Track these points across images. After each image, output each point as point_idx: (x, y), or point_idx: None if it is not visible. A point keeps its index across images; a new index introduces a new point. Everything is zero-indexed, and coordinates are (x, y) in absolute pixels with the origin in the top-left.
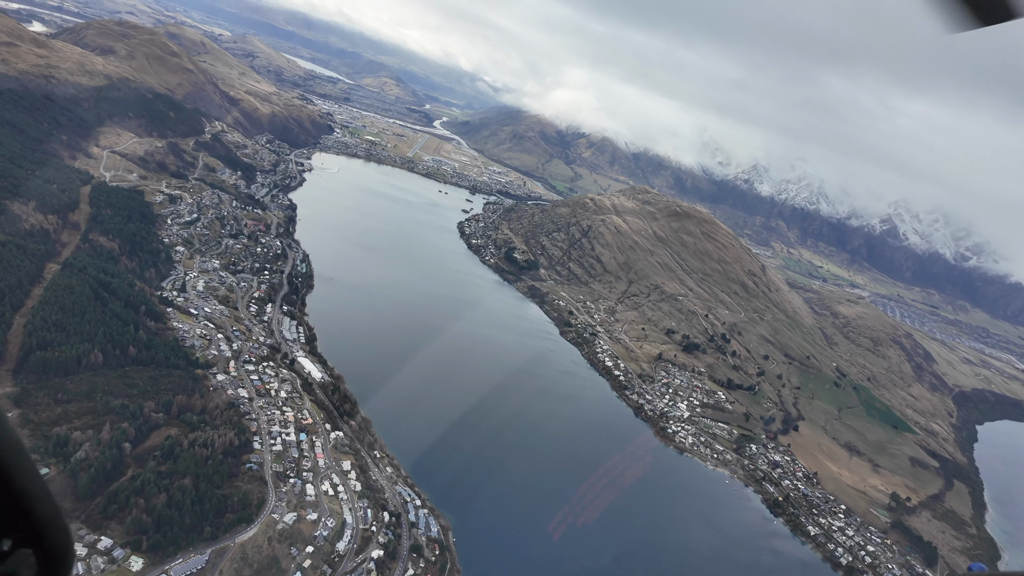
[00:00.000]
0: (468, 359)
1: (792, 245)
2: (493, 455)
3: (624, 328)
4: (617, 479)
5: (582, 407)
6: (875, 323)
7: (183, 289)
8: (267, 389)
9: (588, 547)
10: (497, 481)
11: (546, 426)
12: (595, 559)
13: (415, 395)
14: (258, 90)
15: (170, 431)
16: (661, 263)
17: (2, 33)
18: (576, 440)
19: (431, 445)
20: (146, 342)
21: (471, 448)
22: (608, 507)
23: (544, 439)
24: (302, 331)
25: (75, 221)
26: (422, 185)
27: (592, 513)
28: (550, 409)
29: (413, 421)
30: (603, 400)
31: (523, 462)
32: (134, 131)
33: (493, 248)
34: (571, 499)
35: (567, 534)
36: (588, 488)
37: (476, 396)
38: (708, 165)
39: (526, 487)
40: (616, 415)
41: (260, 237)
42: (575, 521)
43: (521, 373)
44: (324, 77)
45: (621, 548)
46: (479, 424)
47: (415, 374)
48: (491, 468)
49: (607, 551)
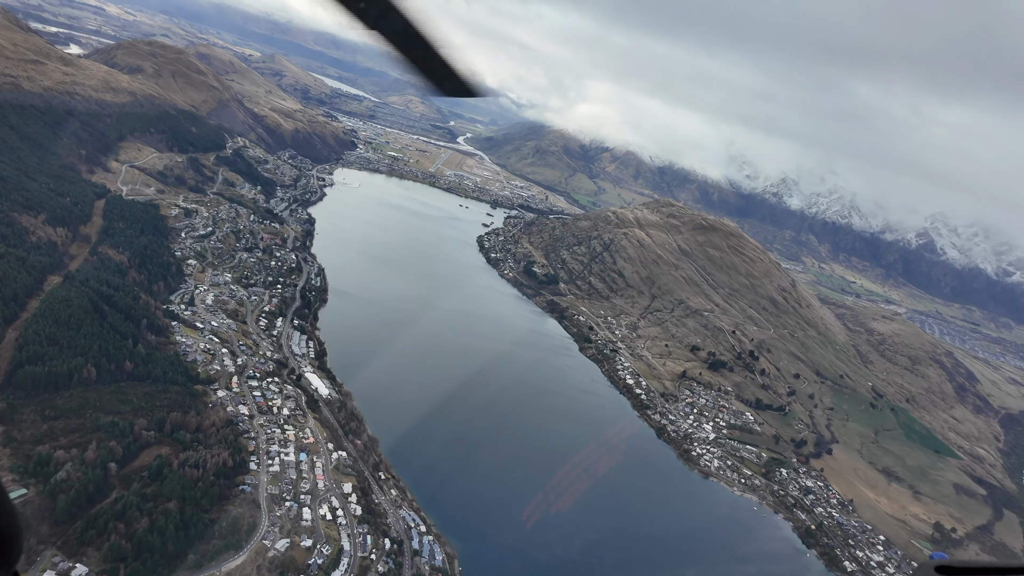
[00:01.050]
0: (482, 376)
1: (824, 260)
2: (503, 478)
3: (646, 344)
4: (639, 504)
5: (602, 427)
6: (913, 340)
7: (191, 302)
8: (269, 406)
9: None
10: (507, 506)
11: (561, 448)
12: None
13: (425, 413)
14: (283, 107)
15: (161, 450)
16: (686, 277)
17: (29, 52)
18: (589, 458)
19: (440, 466)
20: (144, 356)
21: (482, 471)
22: (631, 534)
23: (558, 463)
24: (312, 346)
25: (86, 234)
26: (443, 199)
27: (617, 542)
28: (566, 430)
29: (422, 441)
30: (624, 420)
31: (532, 486)
32: (155, 146)
33: (512, 262)
34: (592, 528)
35: (587, 569)
36: (609, 516)
37: (489, 415)
38: (735, 178)
39: (538, 513)
40: (637, 436)
41: (275, 251)
42: (599, 557)
43: (538, 391)
44: (350, 95)
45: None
46: (490, 445)
47: (427, 391)
48: (501, 492)
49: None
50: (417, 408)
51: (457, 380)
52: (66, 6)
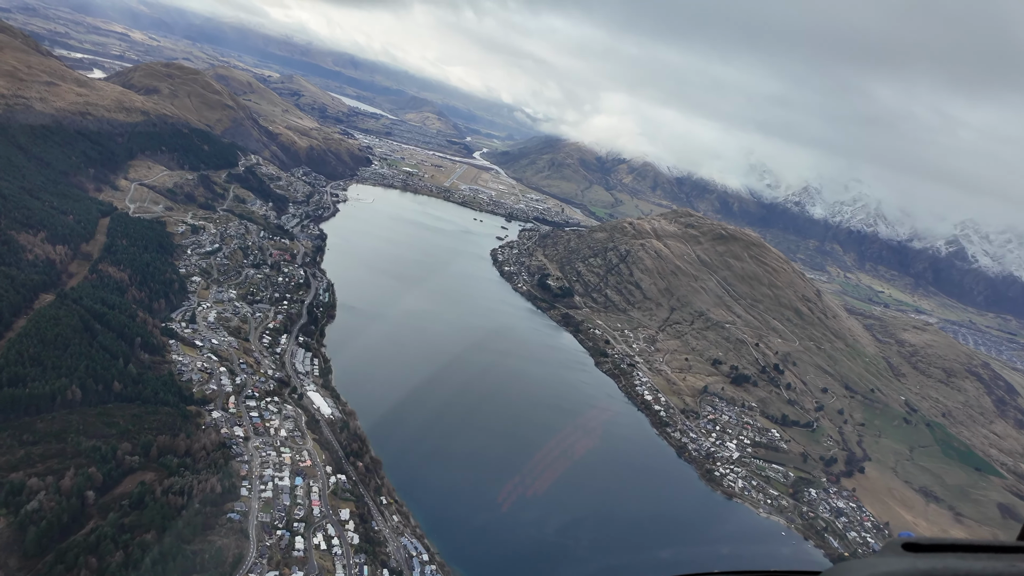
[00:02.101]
0: (493, 393)
1: (849, 269)
2: (513, 500)
3: (666, 358)
4: (662, 527)
5: (618, 444)
6: (947, 352)
7: (192, 320)
8: (266, 427)
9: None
10: (516, 531)
11: (575, 470)
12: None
13: (433, 433)
14: (298, 125)
15: (145, 476)
16: (706, 288)
17: (44, 74)
18: (611, 488)
19: (446, 490)
20: (135, 376)
21: (491, 493)
22: (648, 560)
23: (573, 486)
24: (317, 363)
25: (87, 252)
26: (457, 213)
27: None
28: (582, 448)
29: (429, 462)
30: (641, 439)
31: (544, 506)
32: (166, 164)
33: (526, 275)
34: (610, 551)
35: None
36: (626, 536)
37: (497, 433)
38: (756, 188)
39: (550, 535)
40: (656, 456)
41: (283, 266)
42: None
43: (551, 408)
44: (367, 113)
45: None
46: (500, 464)
47: (434, 410)
48: (510, 515)
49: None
50: (424, 428)
51: (467, 398)
52: (92, 33)
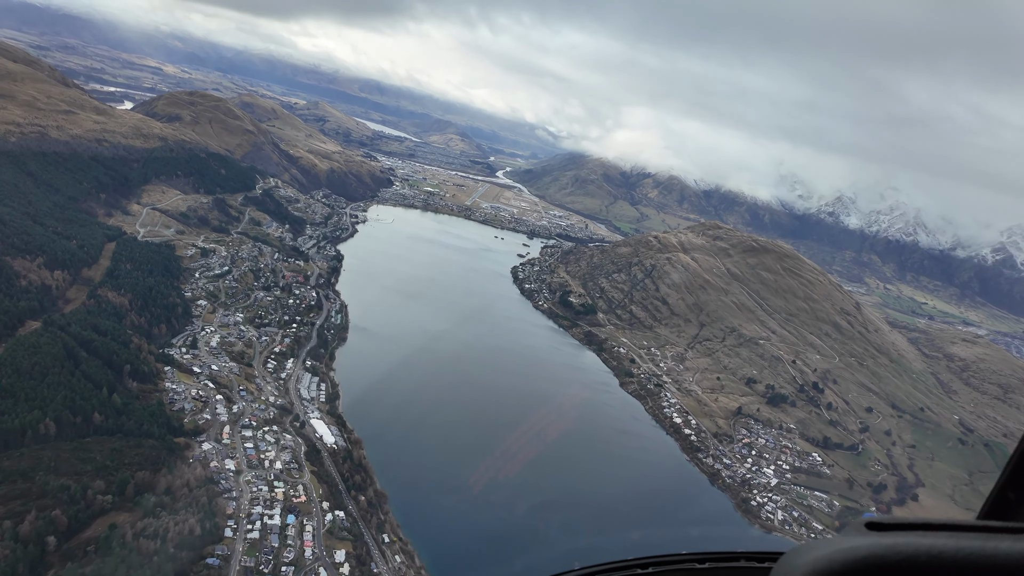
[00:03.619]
0: (510, 416)
1: (889, 280)
2: (529, 534)
3: (695, 378)
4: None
5: (647, 472)
6: (1001, 366)
7: (193, 345)
8: (261, 459)
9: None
10: (532, 571)
11: (597, 500)
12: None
13: (445, 463)
14: (320, 149)
15: (118, 517)
16: (737, 303)
17: (63, 103)
18: (640, 518)
19: (456, 526)
20: (120, 407)
21: (503, 527)
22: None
23: (595, 518)
24: (324, 388)
25: (89, 277)
26: (477, 231)
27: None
28: (603, 476)
29: (439, 496)
30: (672, 465)
31: (566, 547)
32: (180, 188)
33: (547, 292)
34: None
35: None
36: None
37: (514, 461)
38: (787, 199)
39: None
40: (688, 483)
41: (295, 288)
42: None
43: (572, 433)
44: (392, 136)
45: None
46: (515, 495)
47: (448, 437)
48: (526, 551)
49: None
50: (436, 457)
51: (481, 424)
52: (127, 68)
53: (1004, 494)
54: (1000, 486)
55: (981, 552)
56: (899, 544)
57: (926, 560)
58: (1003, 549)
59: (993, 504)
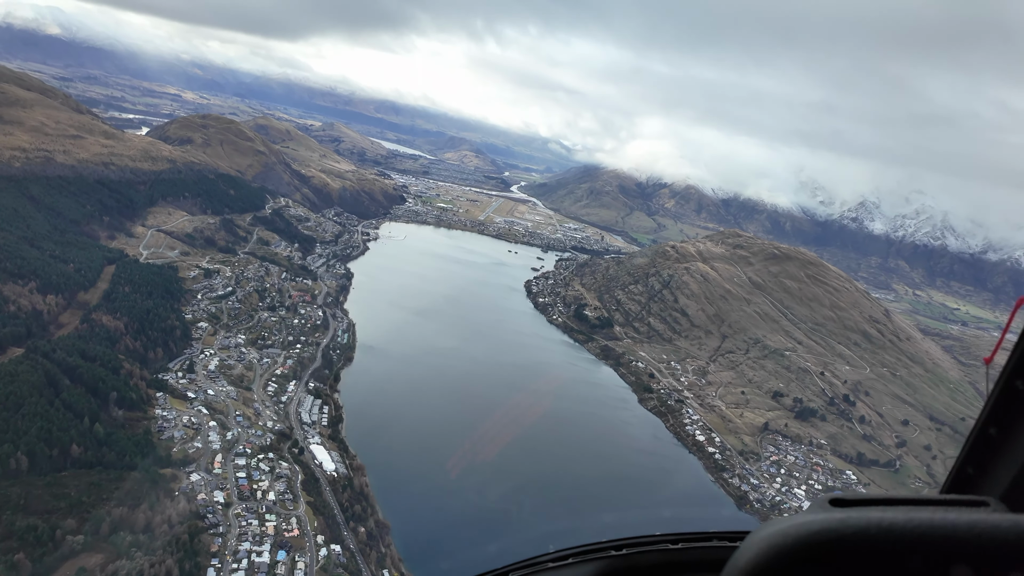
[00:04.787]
0: (521, 436)
1: (918, 286)
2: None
3: (719, 392)
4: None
5: (670, 495)
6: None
7: (191, 369)
8: (253, 489)
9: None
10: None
11: (623, 525)
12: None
13: (453, 489)
14: (333, 168)
15: (90, 559)
16: (760, 313)
17: (71, 128)
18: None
19: (463, 558)
20: (102, 438)
21: (512, 554)
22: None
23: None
24: (327, 411)
25: (84, 301)
26: (491, 246)
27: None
28: (623, 500)
29: (446, 527)
30: (696, 487)
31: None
32: (187, 210)
33: (561, 306)
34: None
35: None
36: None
37: (526, 483)
38: (808, 205)
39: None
40: (714, 506)
41: (300, 308)
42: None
43: (588, 454)
44: (406, 155)
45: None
46: (526, 520)
47: (456, 461)
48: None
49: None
50: (445, 483)
51: (493, 445)
52: (147, 96)
53: (964, 469)
54: (960, 462)
55: (930, 523)
56: (851, 518)
57: (876, 532)
58: (950, 519)
59: (954, 479)
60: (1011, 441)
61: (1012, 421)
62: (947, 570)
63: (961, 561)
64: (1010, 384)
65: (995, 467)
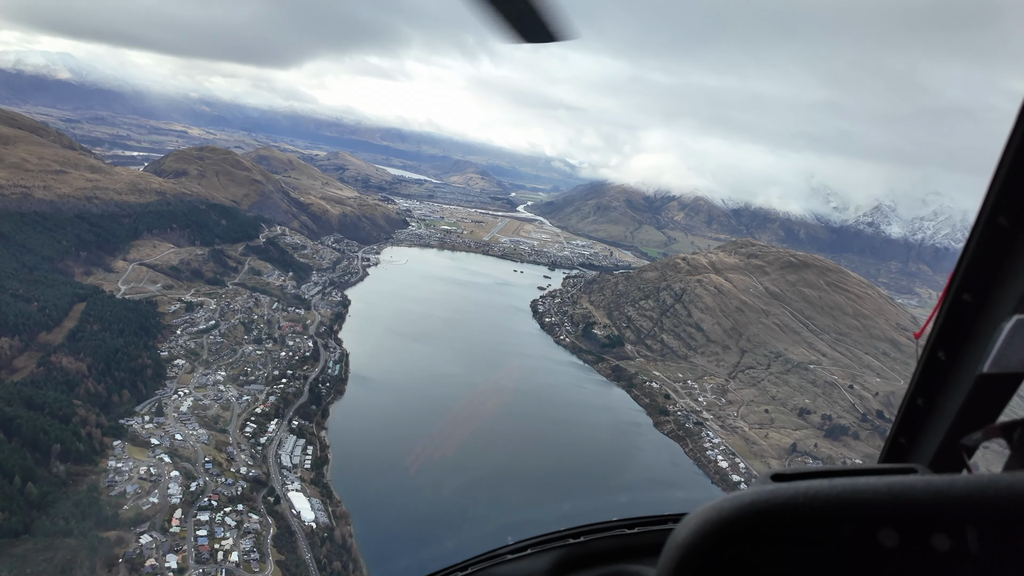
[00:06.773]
0: (526, 471)
1: (942, 290)
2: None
3: (740, 411)
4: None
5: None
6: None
7: (159, 412)
8: (214, 550)
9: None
10: None
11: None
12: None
13: (453, 537)
14: (335, 195)
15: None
16: (780, 324)
17: (55, 163)
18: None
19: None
20: (35, 500)
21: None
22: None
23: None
24: (311, 452)
25: (46, 342)
26: (495, 266)
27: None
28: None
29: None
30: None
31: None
32: (175, 241)
33: (569, 325)
34: None
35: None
36: None
37: (533, 522)
38: (822, 212)
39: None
40: None
41: (288, 339)
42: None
43: (599, 487)
44: (412, 180)
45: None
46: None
47: (456, 504)
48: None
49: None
50: (442, 531)
51: (494, 481)
52: (153, 134)
53: (897, 440)
54: (893, 433)
55: (853, 489)
56: (780, 489)
57: (804, 501)
58: (872, 485)
59: (888, 449)
60: (936, 410)
61: (935, 391)
62: (875, 534)
63: (887, 525)
64: (933, 355)
65: (923, 436)
